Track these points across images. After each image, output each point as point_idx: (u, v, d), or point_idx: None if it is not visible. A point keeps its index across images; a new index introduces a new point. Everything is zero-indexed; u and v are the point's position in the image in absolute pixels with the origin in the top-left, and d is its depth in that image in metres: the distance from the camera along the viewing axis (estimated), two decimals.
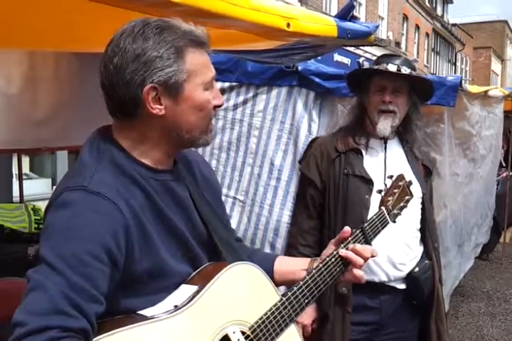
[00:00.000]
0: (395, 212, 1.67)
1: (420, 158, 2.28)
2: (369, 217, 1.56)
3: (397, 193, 1.69)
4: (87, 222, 1.04)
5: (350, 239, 1.40)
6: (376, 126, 2.14)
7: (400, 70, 2.09)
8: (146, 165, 1.17)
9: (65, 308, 0.95)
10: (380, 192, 1.67)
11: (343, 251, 1.36)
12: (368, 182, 2.13)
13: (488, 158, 5.00)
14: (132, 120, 1.16)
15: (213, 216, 1.30)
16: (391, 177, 1.72)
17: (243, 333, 1.16)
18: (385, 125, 2.12)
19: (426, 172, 2.31)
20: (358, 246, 1.37)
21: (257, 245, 3.21)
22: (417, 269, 2.15)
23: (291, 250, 2.26)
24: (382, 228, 1.56)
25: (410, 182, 1.76)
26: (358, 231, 1.44)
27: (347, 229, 1.39)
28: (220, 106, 1.22)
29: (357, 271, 1.35)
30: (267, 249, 3.24)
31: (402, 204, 1.70)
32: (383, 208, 1.61)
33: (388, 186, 1.69)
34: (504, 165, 6.56)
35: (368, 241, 1.46)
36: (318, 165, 2.22)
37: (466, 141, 4.24)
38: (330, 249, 1.40)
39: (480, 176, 4.84)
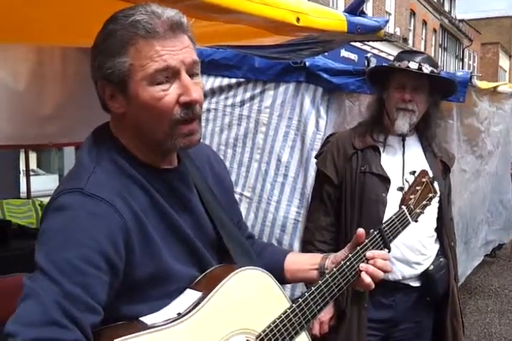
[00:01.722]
0: (418, 211, 1.55)
1: (439, 155, 2.25)
2: (388, 217, 1.46)
3: (420, 190, 1.57)
4: (83, 226, 0.97)
5: (367, 241, 1.32)
6: (395, 122, 2.12)
7: (421, 68, 2.05)
8: (147, 164, 1.11)
9: (59, 319, 0.90)
10: (400, 189, 1.57)
11: (363, 266, 1.27)
12: (385, 180, 2.10)
13: (495, 155, 4.97)
14: (112, 117, 1.12)
15: (223, 214, 1.24)
16: (413, 172, 1.61)
17: None
18: (403, 122, 2.10)
19: (444, 169, 2.28)
20: (379, 263, 1.28)
21: None
22: (431, 267, 2.13)
23: (308, 246, 2.24)
24: (403, 229, 1.46)
25: (434, 179, 1.68)
26: (375, 233, 1.35)
27: (361, 231, 1.31)
28: (189, 102, 1.04)
29: (366, 278, 1.27)
30: None
31: (425, 202, 1.58)
32: (404, 207, 1.50)
33: (410, 183, 1.58)
34: None
35: (386, 243, 1.37)
36: (335, 162, 2.19)
37: (475, 137, 4.21)
38: (344, 252, 1.32)
39: (487, 173, 4.80)
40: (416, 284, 2.15)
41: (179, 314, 1.04)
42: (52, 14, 1.42)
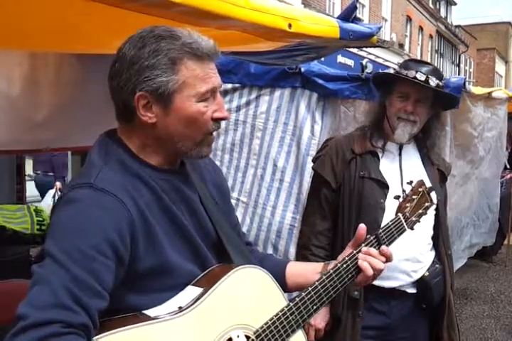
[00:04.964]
0: (413, 219, 1.61)
1: (436, 163, 2.23)
2: (384, 223, 1.51)
3: (416, 199, 1.64)
4: (92, 217, 1.04)
5: (363, 245, 1.38)
6: (395, 131, 2.10)
7: (428, 81, 2.02)
8: (152, 165, 1.18)
9: (68, 303, 0.95)
10: (397, 198, 1.61)
11: (360, 262, 1.35)
12: (384, 186, 2.08)
13: (486, 159, 4.96)
14: (131, 126, 1.18)
15: (222, 218, 1.30)
16: (411, 182, 1.66)
17: (247, 337, 1.14)
18: (404, 132, 2.08)
19: (441, 177, 2.27)
20: (374, 261, 1.35)
21: (259, 247, 3.20)
22: (427, 273, 2.11)
23: (303, 251, 2.20)
24: (399, 235, 1.52)
25: (431, 189, 1.72)
26: (372, 238, 1.41)
27: (362, 226, 1.38)
28: (221, 118, 1.19)
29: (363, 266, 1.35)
30: (270, 251, 3.23)
31: (420, 211, 1.65)
32: (400, 215, 1.57)
33: (407, 192, 1.64)
34: (508, 166, 6.52)
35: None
36: (334, 166, 2.16)
37: (467, 142, 4.20)
38: (347, 252, 1.38)
39: (476, 177, 4.80)
40: (412, 291, 2.12)
41: (180, 307, 1.09)
42: (48, 20, 1.43)
